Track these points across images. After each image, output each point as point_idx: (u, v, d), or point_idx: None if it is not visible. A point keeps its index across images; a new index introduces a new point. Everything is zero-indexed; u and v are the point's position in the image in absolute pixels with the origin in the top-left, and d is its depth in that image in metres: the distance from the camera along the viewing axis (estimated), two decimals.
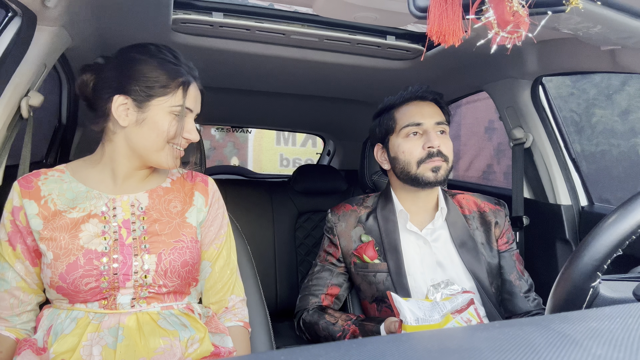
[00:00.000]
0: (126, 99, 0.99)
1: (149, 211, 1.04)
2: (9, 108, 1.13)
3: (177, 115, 1.00)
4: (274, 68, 1.82)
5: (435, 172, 1.32)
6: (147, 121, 0.99)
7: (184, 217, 1.07)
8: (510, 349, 0.36)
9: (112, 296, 0.98)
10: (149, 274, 0.99)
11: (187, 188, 1.12)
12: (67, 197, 1.01)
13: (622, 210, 0.63)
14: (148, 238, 1.01)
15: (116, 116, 0.99)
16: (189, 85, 1.02)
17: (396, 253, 1.33)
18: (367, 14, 1.21)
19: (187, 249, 1.04)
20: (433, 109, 1.37)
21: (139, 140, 1.00)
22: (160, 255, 1.00)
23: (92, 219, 1.00)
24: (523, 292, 1.37)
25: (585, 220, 1.65)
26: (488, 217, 1.40)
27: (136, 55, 1.01)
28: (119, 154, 1.03)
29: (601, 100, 3.57)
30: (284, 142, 7.80)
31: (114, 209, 1.02)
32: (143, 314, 0.99)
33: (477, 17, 0.72)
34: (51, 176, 1.04)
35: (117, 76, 1.00)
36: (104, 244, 0.98)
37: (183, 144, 1.05)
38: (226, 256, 1.16)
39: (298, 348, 0.37)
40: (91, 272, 0.96)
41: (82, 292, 0.96)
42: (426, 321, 1.02)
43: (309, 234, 2.39)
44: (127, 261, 0.98)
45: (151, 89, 0.98)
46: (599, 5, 0.80)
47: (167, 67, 1.00)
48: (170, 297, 1.04)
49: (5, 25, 1.12)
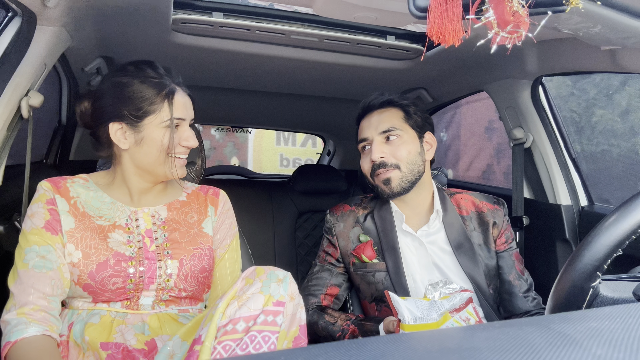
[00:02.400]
0: (120, 124, 1.04)
1: (168, 221, 1.11)
2: (9, 108, 1.13)
3: (169, 128, 1.05)
4: (274, 68, 1.82)
5: (386, 184, 1.32)
6: (145, 140, 1.04)
7: (201, 227, 1.14)
8: (510, 349, 0.36)
9: (135, 297, 1.03)
10: (171, 278, 1.05)
11: (201, 200, 1.19)
12: (93, 204, 1.07)
13: (622, 210, 0.63)
14: (170, 245, 1.08)
15: (115, 141, 1.05)
16: (173, 95, 1.05)
17: (394, 252, 1.33)
18: (367, 14, 1.21)
19: (205, 255, 1.11)
20: (380, 117, 1.36)
21: (143, 158, 1.06)
22: (182, 261, 1.07)
23: (117, 229, 1.05)
24: (522, 292, 1.36)
25: (585, 220, 1.65)
26: (486, 218, 1.39)
27: (120, 79, 1.05)
28: (130, 174, 1.09)
29: (601, 100, 3.57)
30: (284, 142, 7.80)
31: (137, 220, 1.08)
32: (163, 315, 1.05)
33: (477, 17, 0.72)
34: (77, 182, 1.09)
35: (108, 103, 1.05)
36: (130, 250, 1.04)
37: (184, 152, 1.10)
38: (229, 265, 1.19)
39: (298, 348, 0.37)
40: (119, 274, 1.01)
41: (109, 291, 1.00)
42: (424, 320, 1.02)
43: (309, 234, 2.39)
44: (152, 265, 1.04)
45: (140, 109, 1.03)
46: (599, 5, 0.80)
47: (149, 83, 1.04)
48: (187, 301, 1.10)
49: (5, 25, 1.12)
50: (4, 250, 1.33)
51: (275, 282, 0.88)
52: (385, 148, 1.32)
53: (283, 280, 0.89)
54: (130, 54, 1.57)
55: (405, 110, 1.36)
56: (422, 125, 1.38)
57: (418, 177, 1.34)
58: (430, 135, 1.41)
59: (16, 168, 1.31)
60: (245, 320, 0.85)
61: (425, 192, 1.39)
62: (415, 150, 1.34)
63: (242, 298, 0.86)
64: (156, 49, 1.58)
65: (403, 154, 1.32)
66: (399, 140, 1.33)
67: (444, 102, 2.20)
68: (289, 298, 0.89)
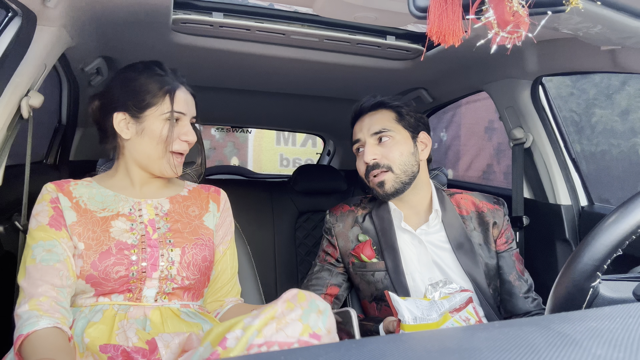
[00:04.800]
0: (124, 114, 1.10)
1: (170, 213, 1.15)
2: (9, 108, 1.13)
3: (169, 121, 1.09)
4: (274, 68, 1.82)
5: (380, 187, 1.33)
6: (146, 131, 1.09)
7: (202, 220, 1.18)
8: (510, 349, 0.36)
9: (137, 289, 1.04)
10: (173, 266, 1.07)
11: (202, 196, 1.23)
12: (96, 200, 1.11)
13: (622, 210, 0.63)
14: (172, 235, 1.11)
15: (118, 131, 1.10)
16: (174, 91, 1.11)
17: (393, 251, 1.33)
18: (367, 14, 1.21)
19: (206, 246, 1.14)
20: (372, 119, 1.36)
21: (143, 149, 1.10)
22: (184, 249, 1.09)
23: (120, 217, 1.09)
24: (523, 292, 1.36)
25: (585, 220, 1.65)
26: (486, 218, 1.39)
27: (128, 74, 1.13)
28: (131, 164, 1.14)
29: (601, 100, 3.57)
30: (284, 142, 7.81)
31: (140, 210, 1.12)
32: (165, 309, 1.06)
33: (477, 17, 0.72)
34: (80, 183, 1.13)
35: (115, 95, 1.12)
36: (132, 238, 1.06)
37: (183, 148, 1.13)
38: (229, 260, 1.23)
39: (298, 348, 0.37)
40: (122, 261, 1.02)
41: (112, 280, 1.02)
42: (424, 320, 1.02)
43: (309, 234, 2.39)
44: (155, 253, 1.07)
45: (143, 101, 1.09)
46: (599, 5, 0.80)
47: (154, 79, 1.11)
48: (189, 296, 1.11)
49: (6, 25, 1.12)
50: (4, 250, 1.33)
51: (315, 313, 0.86)
52: (378, 150, 1.33)
53: (323, 312, 0.87)
54: (130, 54, 1.57)
55: (398, 112, 1.37)
56: (416, 126, 1.38)
57: (412, 177, 1.34)
58: (425, 135, 1.41)
59: (16, 168, 1.31)
60: (280, 345, 0.83)
61: (423, 191, 1.39)
62: (407, 150, 1.34)
63: (281, 322, 0.84)
64: (156, 49, 1.58)
65: (395, 155, 1.32)
66: (391, 141, 1.33)
67: (444, 102, 2.20)
68: (326, 332, 0.86)
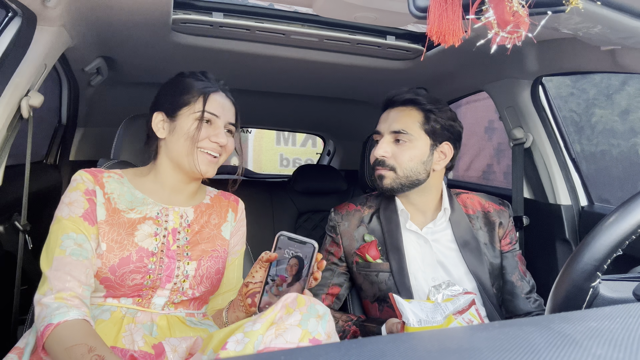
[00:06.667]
0: (161, 114, 1.14)
1: (192, 224, 1.16)
2: (9, 108, 1.13)
3: (201, 121, 1.11)
4: (274, 68, 1.82)
5: (380, 179, 1.33)
6: (177, 129, 1.12)
7: (220, 230, 1.19)
8: (510, 349, 0.36)
9: (148, 296, 1.05)
10: (187, 279, 1.08)
11: (223, 204, 1.25)
12: (126, 198, 1.11)
13: (622, 210, 0.63)
14: (189, 247, 1.12)
15: (155, 130, 1.14)
16: (209, 93, 1.14)
17: (398, 253, 1.33)
18: (367, 14, 1.21)
19: (220, 258, 1.15)
20: (398, 114, 1.33)
21: (174, 147, 1.12)
22: (200, 262, 1.10)
23: (147, 220, 1.09)
24: (524, 293, 1.36)
25: (585, 220, 1.65)
26: (492, 217, 1.40)
27: (174, 79, 1.18)
28: (165, 167, 1.15)
29: (601, 100, 3.57)
30: (284, 142, 7.80)
31: (167, 215, 1.13)
32: (172, 317, 1.07)
33: (477, 17, 0.72)
34: (112, 177, 1.13)
35: (158, 97, 1.18)
36: (154, 245, 1.07)
37: (214, 148, 1.13)
38: (236, 270, 1.24)
39: (298, 348, 0.37)
40: (140, 269, 1.03)
41: (126, 286, 1.02)
42: (429, 322, 1.03)
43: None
44: (172, 265, 1.07)
45: (178, 101, 1.13)
46: (599, 5, 0.80)
47: (194, 82, 1.15)
48: (195, 305, 1.12)
49: (6, 25, 1.12)
50: (3, 250, 1.33)
51: (314, 318, 0.86)
52: (390, 148, 1.32)
53: (322, 316, 0.87)
54: (131, 54, 1.57)
55: (426, 115, 1.32)
56: (440, 134, 1.32)
57: (415, 183, 1.32)
58: (448, 146, 1.34)
59: (16, 168, 1.31)
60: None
61: (430, 195, 1.38)
62: (419, 158, 1.31)
63: (280, 327, 0.84)
64: (156, 49, 1.58)
65: (404, 159, 1.30)
66: (407, 145, 1.30)
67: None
68: (326, 336, 0.86)
